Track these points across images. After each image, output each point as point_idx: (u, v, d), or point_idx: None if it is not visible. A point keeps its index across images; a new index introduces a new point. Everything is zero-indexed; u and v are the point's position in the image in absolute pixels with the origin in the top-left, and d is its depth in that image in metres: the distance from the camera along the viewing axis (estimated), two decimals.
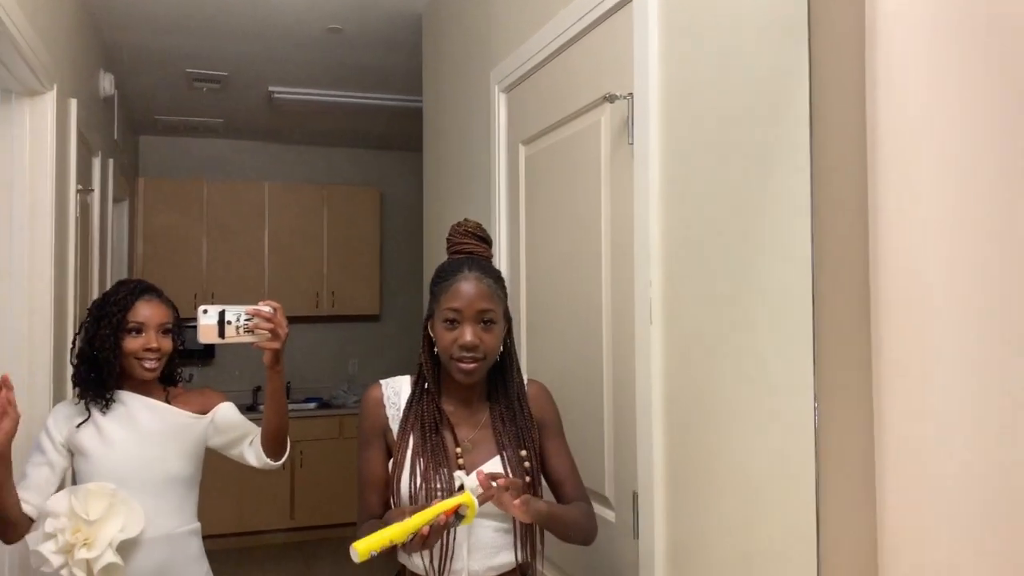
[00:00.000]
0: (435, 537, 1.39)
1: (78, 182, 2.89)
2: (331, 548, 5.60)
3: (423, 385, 1.64)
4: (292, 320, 1.94)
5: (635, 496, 1.75)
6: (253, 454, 2.03)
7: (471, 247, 1.68)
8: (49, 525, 1.86)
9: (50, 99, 2.52)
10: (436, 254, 3.42)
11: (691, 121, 1.57)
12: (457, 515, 1.40)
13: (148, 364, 1.98)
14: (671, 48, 1.65)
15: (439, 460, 1.57)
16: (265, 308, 1.81)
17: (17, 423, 1.71)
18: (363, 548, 1.34)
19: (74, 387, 2.03)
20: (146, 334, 1.97)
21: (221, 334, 1.78)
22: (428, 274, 3.53)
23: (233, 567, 1.80)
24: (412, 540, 1.37)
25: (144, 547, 1.93)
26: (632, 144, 1.76)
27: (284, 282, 5.98)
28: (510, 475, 1.56)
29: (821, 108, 1.22)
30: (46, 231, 2.48)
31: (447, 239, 1.73)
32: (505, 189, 2.56)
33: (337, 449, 5.79)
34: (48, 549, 1.85)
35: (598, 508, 1.96)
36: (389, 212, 6.53)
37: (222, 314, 1.78)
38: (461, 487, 1.53)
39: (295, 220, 6.09)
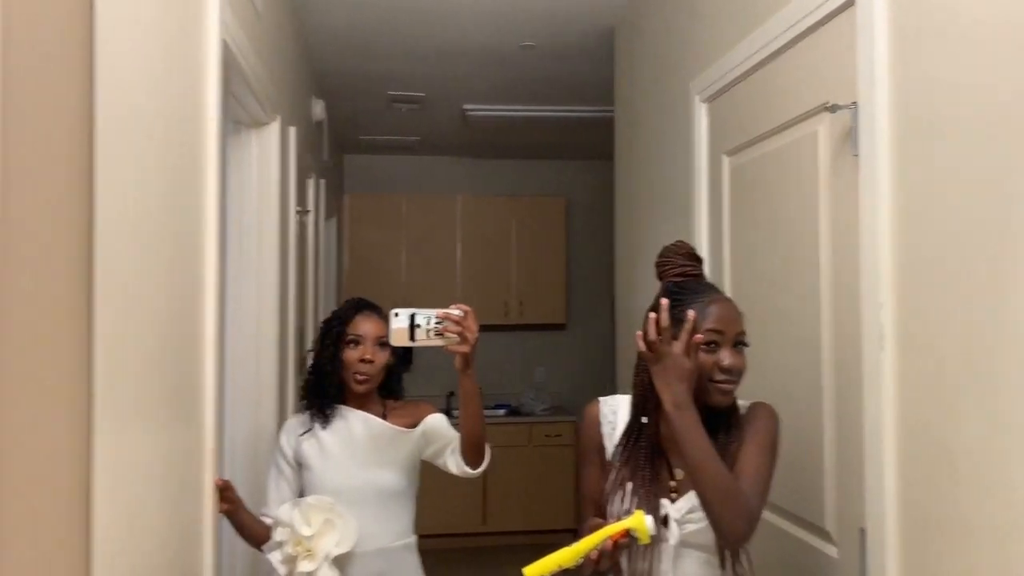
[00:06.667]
0: (606, 561, 1.39)
1: (297, 204, 3.10)
2: (522, 554, 5.66)
3: (640, 418, 1.59)
4: (481, 328, 1.86)
5: (862, 533, 1.64)
6: (453, 462, 2.02)
7: (691, 269, 1.63)
8: (278, 534, 1.99)
9: (274, 128, 2.71)
10: (628, 265, 3.38)
11: (929, 133, 1.45)
12: (631, 537, 1.39)
13: (360, 376, 2.04)
14: (901, 54, 1.53)
15: (649, 488, 1.55)
16: (455, 311, 1.78)
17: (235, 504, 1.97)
18: (533, 573, 1.37)
19: (301, 399, 2.16)
20: (363, 345, 2.05)
21: (412, 337, 1.76)
22: (617, 283, 3.50)
23: (427, 568, 1.86)
24: (583, 564, 1.37)
25: (358, 561, 1.99)
26: (857, 155, 1.65)
27: (475, 291, 6.14)
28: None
29: None
30: (272, 253, 2.67)
31: (661, 261, 1.68)
32: (707, 201, 2.49)
33: (526, 456, 5.87)
34: (276, 558, 1.97)
35: (816, 542, 1.85)
36: (574, 221, 6.56)
37: (412, 317, 1.76)
38: (665, 517, 1.51)
39: (485, 231, 6.26)
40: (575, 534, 1.64)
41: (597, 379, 6.52)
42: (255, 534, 2.03)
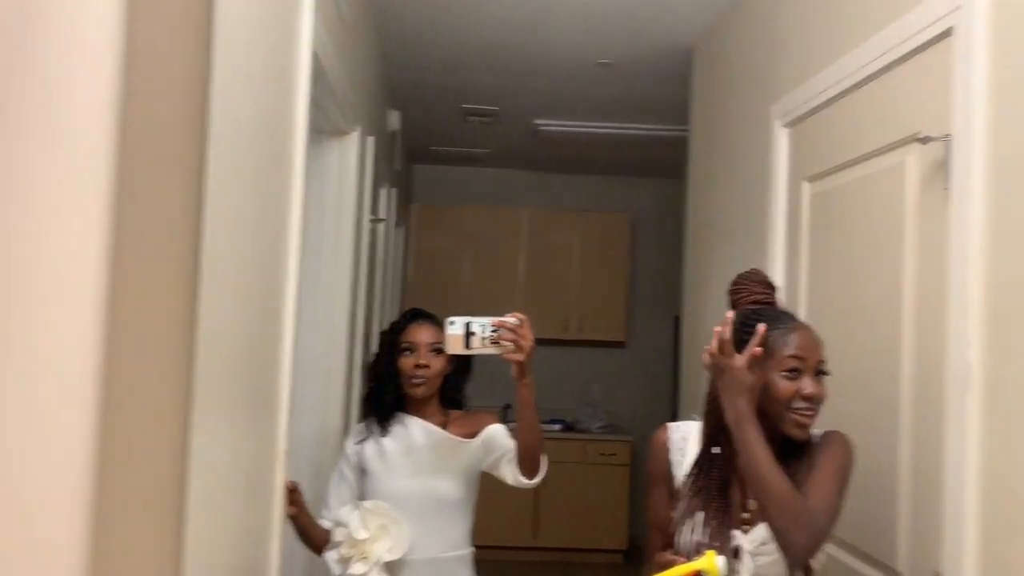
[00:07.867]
0: None
1: (371, 213, 3.15)
2: (571, 572, 5.65)
3: (711, 448, 1.57)
4: (540, 343, 1.91)
5: None
6: (509, 472, 2.01)
7: (765, 297, 1.62)
8: (338, 534, 2.02)
9: (354, 138, 2.76)
10: (697, 288, 3.35)
11: None
12: None
13: (415, 381, 2.07)
14: (1001, 87, 1.49)
15: (721, 520, 1.53)
16: (510, 319, 1.80)
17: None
18: None
19: (362, 408, 2.19)
20: (416, 352, 2.08)
21: (467, 345, 1.79)
22: (685, 306, 3.46)
23: None
24: None
25: (409, 568, 2.00)
26: (948, 189, 1.61)
27: (536, 305, 6.12)
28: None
29: None
30: (346, 261, 2.71)
31: (735, 288, 1.67)
32: (784, 227, 2.45)
33: (580, 473, 5.83)
34: (332, 557, 2.01)
35: None
36: (637, 238, 6.52)
37: (468, 325, 1.79)
38: (736, 549, 1.49)
39: (549, 245, 6.25)
40: (625, 555, 1.62)
41: (655, 399, 6.45)
42: (315, 538, 2.06)
